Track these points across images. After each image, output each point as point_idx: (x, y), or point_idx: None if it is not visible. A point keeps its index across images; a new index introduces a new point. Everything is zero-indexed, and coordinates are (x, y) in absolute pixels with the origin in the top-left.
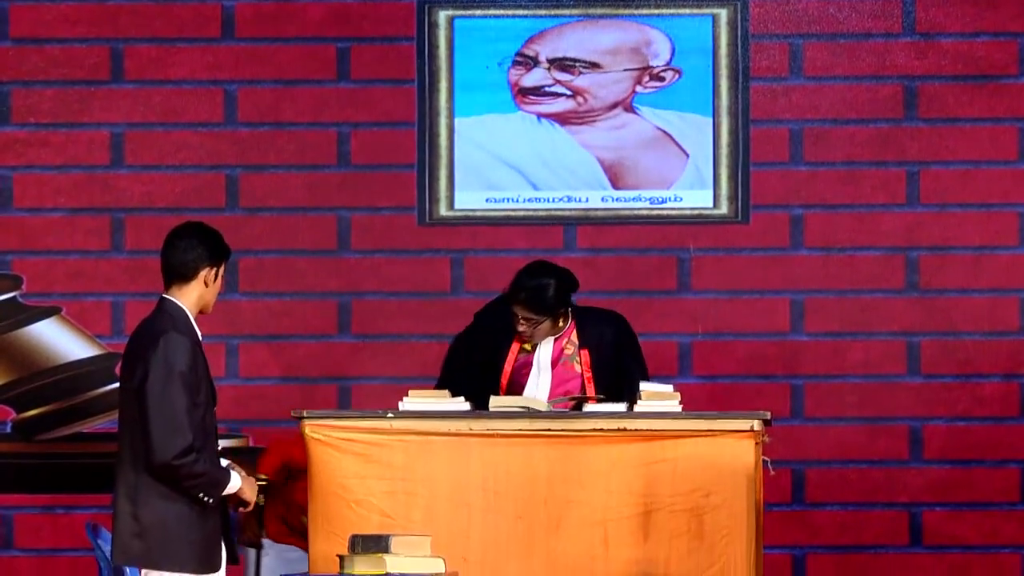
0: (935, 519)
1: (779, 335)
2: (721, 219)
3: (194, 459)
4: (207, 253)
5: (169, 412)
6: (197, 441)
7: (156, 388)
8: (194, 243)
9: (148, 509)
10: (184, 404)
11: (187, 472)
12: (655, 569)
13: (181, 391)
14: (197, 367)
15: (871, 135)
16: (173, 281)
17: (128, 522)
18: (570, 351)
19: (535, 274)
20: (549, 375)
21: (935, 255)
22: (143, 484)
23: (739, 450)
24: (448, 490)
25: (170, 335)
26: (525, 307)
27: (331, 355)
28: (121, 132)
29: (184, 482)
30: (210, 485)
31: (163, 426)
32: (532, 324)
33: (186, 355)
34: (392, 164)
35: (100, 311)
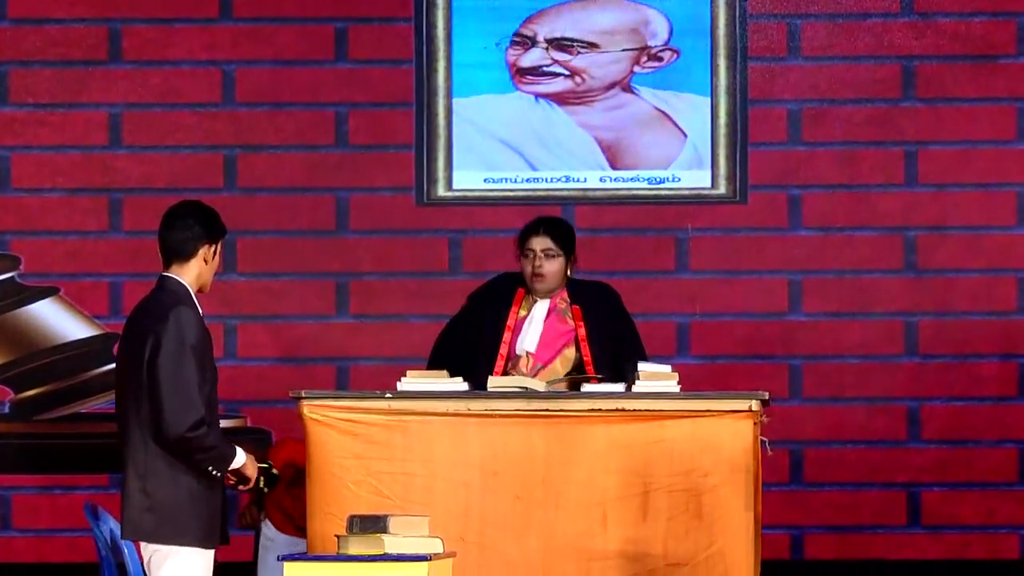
0: (933, 499)
1: (777, 315)
2: (719, 199)
3: (205, 432)
4: (205, 231)
5: (183, 386)
6: (207, 415)
7: (169, 362)
8: (192, 222)
9: (158, 485)
10: (196, 378)
11: (199, 445)
12: (653, 549)
13: (193, 364)
14: (206, 342)
15: (869, 115)
16: (173, 260)
17: (138, 498)
18: (562, 307)
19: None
20: (541, 326)
21: (933, 235)
22: (153, 459)
23: (737, 430)
24: (446, 470)
25: (181, 309)
26: (548, 235)
27: (329, 335)
28: (119, 112)
29: (195, 455)
30: (219, 459)
31: (177, 400)
32: (550, 257)
33: (196, 329)
34: (390, 144)
35: (98, 291)
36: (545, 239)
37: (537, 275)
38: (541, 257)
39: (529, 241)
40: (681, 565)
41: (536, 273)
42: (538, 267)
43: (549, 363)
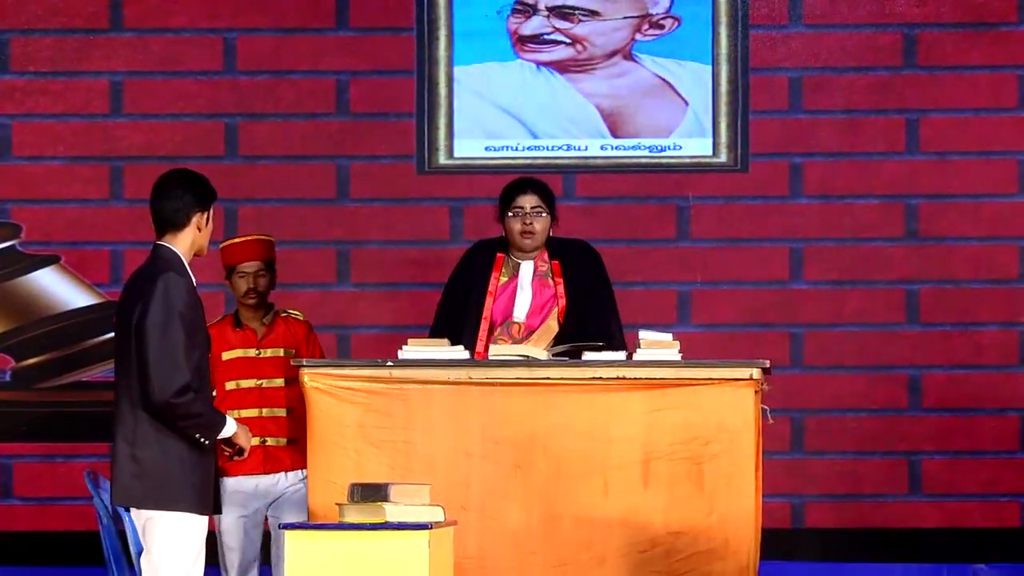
0: (934, 467)
1: (778, 283)
2: (720, 167)
3: (192, 398)
4: (196, 199)
5: (169, 350)
6: (195, 382)
7: (156, 327)
8: (183, 190)
9: (147, 450)
10: (183, 343)
11: (185, 411)
12: (654, 517)
13: (180, 330)
14: (195, 309)
15: (870, 83)
16: (166, 229)
17: (127, 463)
18: (544, 269)
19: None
20: (530, 293)
21: (934, 203)
22: (141, 425)
23: (738, 399)
24: (447, 439)
25: (169, 275)
26: (536, 193)
27: (330, 303)
28: (120, 81)
29: (181, 421)
30: (207, 426)
31: (163, 364)
32: (538, 214)
33: (185, 295)
34: (391, 112)
35: (99, 260)
36: (533, 196)
37: (527, 232)
38: (531, 215)
39: (517, 199)
40: (682, 533)
41: (526, 230)
42: (528, 224)
43: (538, 328)
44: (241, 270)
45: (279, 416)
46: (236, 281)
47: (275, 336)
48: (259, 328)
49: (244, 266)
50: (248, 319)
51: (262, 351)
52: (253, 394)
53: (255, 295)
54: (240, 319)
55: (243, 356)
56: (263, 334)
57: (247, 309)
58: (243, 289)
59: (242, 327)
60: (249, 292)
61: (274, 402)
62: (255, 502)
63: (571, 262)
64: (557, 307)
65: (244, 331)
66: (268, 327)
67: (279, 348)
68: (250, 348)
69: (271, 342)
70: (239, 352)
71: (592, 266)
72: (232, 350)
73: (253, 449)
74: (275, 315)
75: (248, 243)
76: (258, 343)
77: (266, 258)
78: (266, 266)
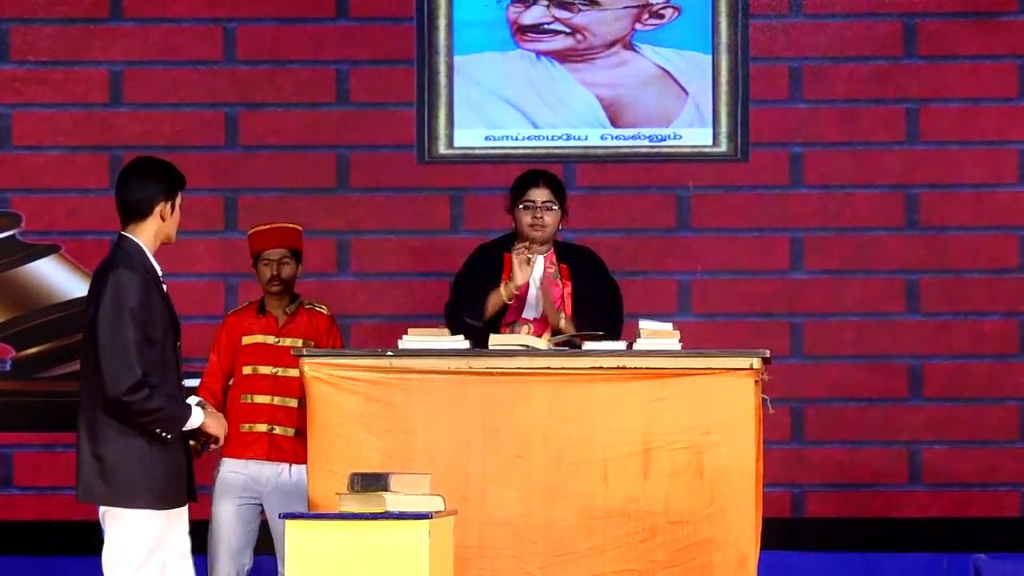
0: (934, 457)
1: (778, 273)
2: (720, 157)
3: (146, 395)
4: (161, 188)
5: (119, 348)
6: (153, 377)
7: (106, 324)
8: (146, 180)
9: (108, 447)
10: (134, 340)
11: (139, 408)
12: (654, 507)
13: (131, 327)
14: (151, 303)
15: (871, 72)
16: (129, 219)
17: (90, 462)
18: (552, 271)
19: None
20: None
21: (935, 192)
22: (100, 422)
23: (738, 388)
24: (447, 428)
25: (119, 271)
26: (547, 187)
27: (330, 293)
28: (120, 70)
29: (136, 418)
30: (167, 420)
31: (113, 362)
32: (549, 209)
33: (136, 291)
34: (391, 102)
35: (99, 249)
36: (545, 191)
37: (537, 225)
38: (542, 209)
39: (529, 193)
40: (682, 523)
41: (536, 224)
42: (539, 218)
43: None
44: (265, 257)
45: (290, 406)
46: (261, 268)
47: (296, 326)
48: (281, 316)
49: (268, 253)
50: (272, 307)
51: (281, 339)
52: (268, 381)
53: (279, 282)
54: (264, 306)
55: (262, 342)
56: (284, 322)
57: (271, 297)
58: (267, 276)
59: (265, 314)
60: (273, 279)
61: (288, 391)
62: (253, 488)
63: (578, 267)
64: (563, 308)
65: (267, 318)
66: (290, 316)
67: (299, 338)
68: (270, 335)
69: (291, 331)
70: (259, 338)
71: (598, 273)
72: (252, 335)
73: (259, 436)
74: (299, 305)
75: (273, 230)
76: (278, 331)
77: (291, 246)
78: (291, 254)
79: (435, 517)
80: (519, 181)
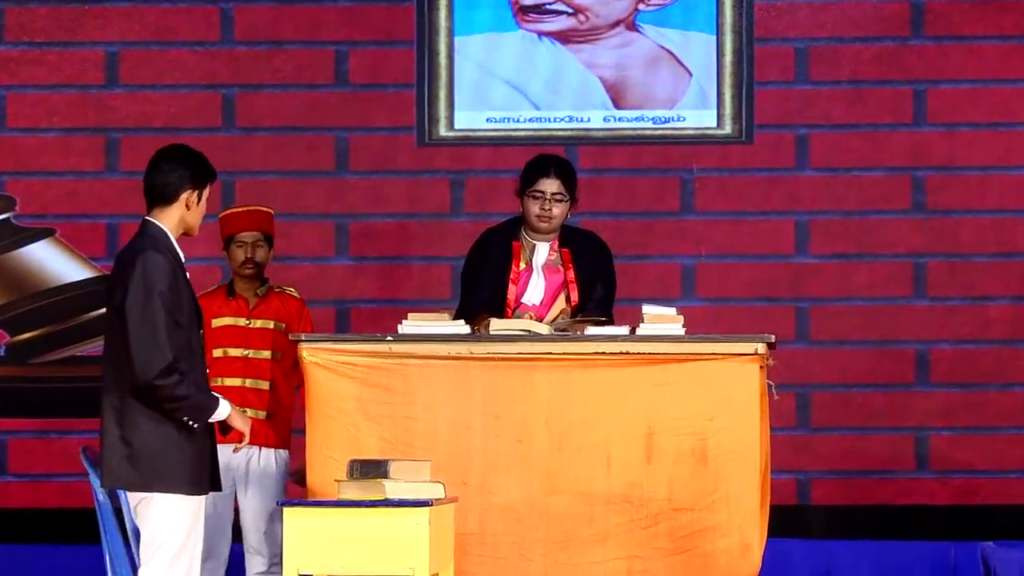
0: (941, 443)
1: (783, 257)
2: (725, 139)
3: (176, 380)
4: (189, 175)
5: (149, 331)
6: (182, 363)
7: (136, 307)
8: (176, 165)
9: (136, 432)
10: (164, 323)
11: (168, 394)
12: (657, 493)
13: (161, 310)
14: (179, 287)
15: (877, 53)
16: (155, 203)
17: (117, 446)
18: (553, 256)
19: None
20: (543, 280)
21: (942, 175)
22: (129, 407)
23: (743, 374)
24: (448, 414)
25: (148, 254)
26: (558, 177)
27: (329, 277)
28: (116, 51)
29: (165, 404)
30: (194, 409)
31: (143, 345)
32: (558, 201)
33: (165, 275)
34: (391, 84)
35: (94, 233)
36: (555, 182)
37: (545, 217)
38: (551, 201)
39: (539, 183)
40: (686, 510)
41: (544, 215)
42: (547, 210)
43: (547, 314)
44: (239, 239)
45: (262, 389)
46: (233, 250)
47: (266, 308)
48: (251, 299)
49: (242, 235)
50: (242, 289)
51: (252, 321)
52: (238, 363)
53: (252, 265)
54: (234, 288)
55: (232, 324)
56: (255, 304)
57: (242, 279)
58: (240, 259)
59: (235, 297)
60: (247, 262)
61: (259, 374)
62: (226, 476)
63: (582, 252)
64: (565, 294)
65: (236, 300)
66: (261, 298)
67: (269, 320)
68: (240, 317)
69: (262, 313)
70: (229, 320)
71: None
72: (222, 318)
73: None
74: (269, 289)
75: (247, 212)
76: (249, 313)
77: (265, 229)
78: (264, 238)
79: (435, 504)
80: (530, 168)
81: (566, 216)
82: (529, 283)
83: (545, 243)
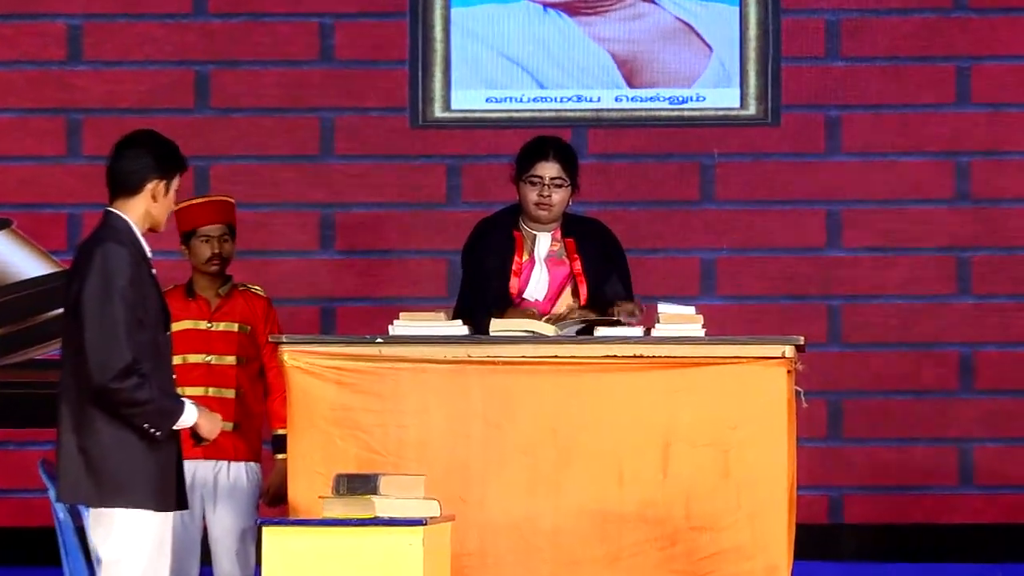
0: (987, 456)
1: (813, 250)
2: (749, 121)
3: (136, 383)
4: (155, 164)
5: (107, 329)
6: (143, 365)
7: (92, 303)
8: (142, 152)
9: (95, 441)
10: (123, 320)
11: (127, 398)
12: (674, 511)
13: (120, 306)
14: (142, 282)
15: (916, 26)
16: (118, 193)
17: (75, 456)
18: (556, 247)
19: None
20: (546, 273)
21: (988, 160)
22: (88, 414)
23: (769, 379)
24: (444, 423)
25: (108, 245)
26: (557, 161)
27: (313, 273)
28: (79, 24)
29: (123, 409)
30: (157, 415)
31: (100, 344)
32: (558, 186)
33: (127, 268)
34: (381, 60)
35: (55, 224)
36: (554, 166)
37: (544, 204)
38: (550, 186)
39: (536, 167)
40: (705, 529)
41: (543, 202)
42: (546, 196)
43: (551, 309)
44: (204, 233)
45: (227, 397)
46: (197, 246)
47: (230, 309)
48: (213, 299)
49: (207, 229)
50: (203, 288)
51: (214, 324)
52: (200, 370)
53: (219, 261)
54: (194, 288)
55: (193, 328)
56: (217, 305)
57: (205, 277)
58: (206, 255)
59: (195, 297)
60: (213, 258)
61: (222, 381)
62: (192, 492)
63: (587, 242)
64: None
65: (197, 301)
66: (224, 299)
67: (233, 323)
68: (201, 320)
69: (225, 315)
70: (189, 323)
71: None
72: (181, 321)
73: None
74: (233, 287)
75: (212, 204)
76: (211, 315)
77: (230, 221)
78: (229, 230)
79: (430, 523)
80: (526, 151)
81: (567, 203)
82: (532, 276)
83: (546, 233)
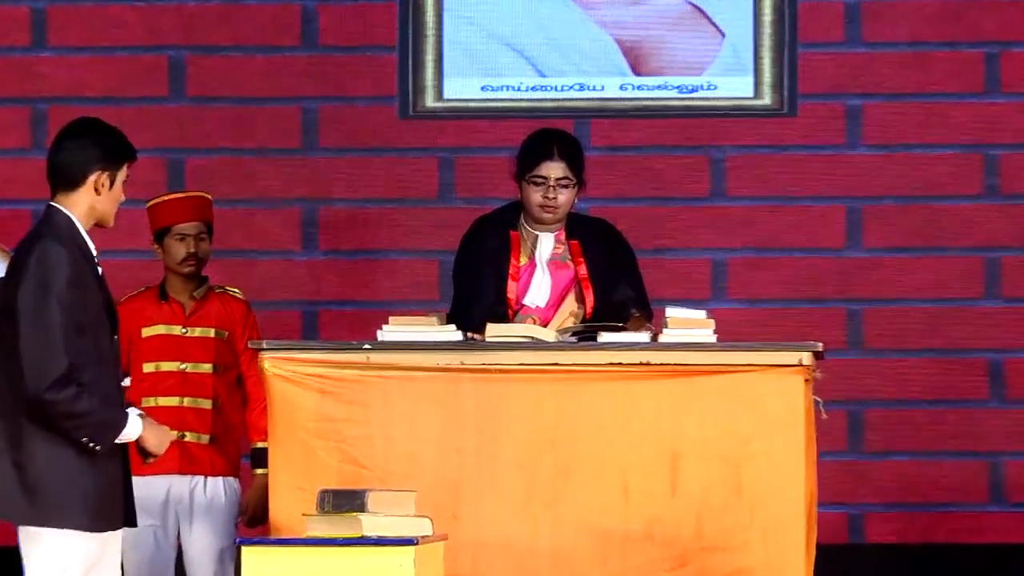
0: (1019, 471)
1: (832, 251)
2: (763, 111)
3: (74, 393)
4: (99, 154)
5: (43, 334)
6: (84, 373)
7: (27, 305)
8: (84, 142)
9: (30, 455)
10: (60, 325)
11: (64, 410)
12: (683, 529)
13: (57, 310)
14: (84, 283)
15: (941, 9)
16: (59, 187)
17: (8, 472)
18: (560, 250)
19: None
20: (548, 278)
21: (1019, 154)
22: (23, 426)
23: (785, 388)
24: (436, 435)
25: (46, 243)
26: (563, 158)
27: (295, 274)
28: (43, 8)
29: (60, 421)
30: (97, 427)
31: (35, 351)
32: (564, 187)
33: (65, 267)
34: (368, 46)
35: (18, 222)
36: (560, 165)
37: (548, 207)
38: (555, 187)
39: (540, 167)
40: (716, 549)
41: (547, 204)
42: (551, 199)
43: (553, 317)
44: (180, 231)
45: (203, 408)
46: (172, 245)
47: (206, 313)
48: (188, 303)
49: (183, 227)
50: (177, 291)
51: (189, 329)
52: (174, 379)
53: (194, 262)
54: (167, 290)
55: (166, 333)
56: (192, 309)
57: (180, 279)
58: (182, 254)
59: (168, 300)
60: (189, 258)
61: (198, 391)
62: (167, 509)
63: (593, 245)
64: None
65: (170, 304)
66: (199, 302)
67: (209, 328)
68: (175, 325)
69: (200, 320)
70: (162, 329)
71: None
72: (154, 326)
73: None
74: (209, 290)
75: (188, 200)
76: (185, 319)
77: (206, 219)
78: (206, 228)
79: (422, 543)
80: (529, 148)
81: (573, 203)
82: (532, 281)
83: (549, 234)
